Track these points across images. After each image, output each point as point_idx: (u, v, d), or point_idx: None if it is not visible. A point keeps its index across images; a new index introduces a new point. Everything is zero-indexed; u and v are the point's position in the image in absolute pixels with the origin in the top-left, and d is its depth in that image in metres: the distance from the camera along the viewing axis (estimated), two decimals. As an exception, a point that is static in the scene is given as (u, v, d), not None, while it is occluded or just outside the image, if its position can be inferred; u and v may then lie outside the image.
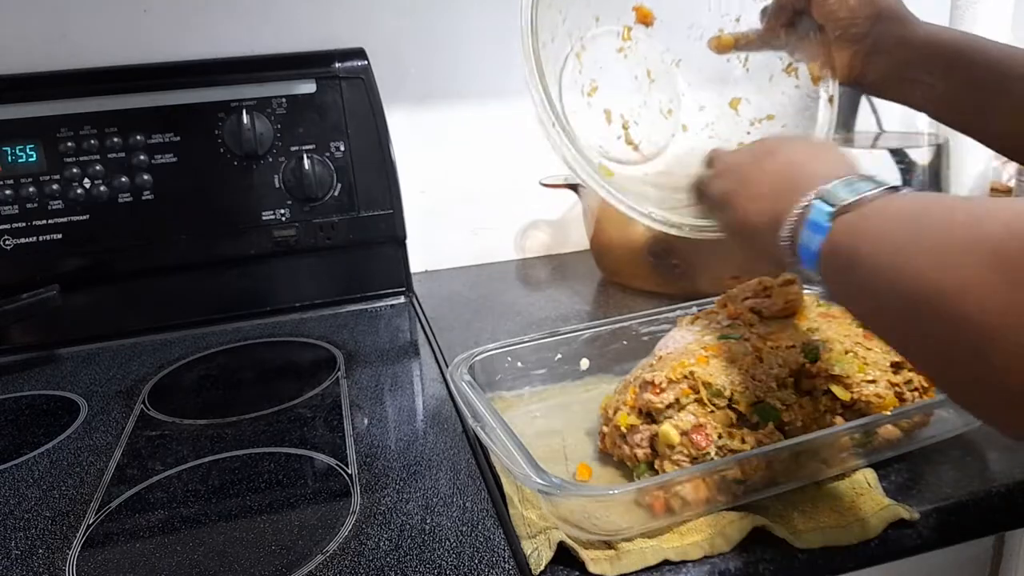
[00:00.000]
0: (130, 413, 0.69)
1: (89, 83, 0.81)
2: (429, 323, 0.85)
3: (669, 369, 0.52)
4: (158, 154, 0.82)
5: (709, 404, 0.51)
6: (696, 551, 0.46)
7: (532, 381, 0.65)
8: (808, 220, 0.41)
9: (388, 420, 0.65)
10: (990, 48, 0.58)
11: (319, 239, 0.88)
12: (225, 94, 0.83)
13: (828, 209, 0.40)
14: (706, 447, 0.49)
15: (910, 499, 0.49)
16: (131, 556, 0.49)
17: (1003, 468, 0.52)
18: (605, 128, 0.71)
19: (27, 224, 0.80)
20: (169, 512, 0.53)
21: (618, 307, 0.86)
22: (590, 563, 0.44)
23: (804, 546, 0.46)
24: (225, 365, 0.79)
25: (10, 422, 0.70)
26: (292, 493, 0.55)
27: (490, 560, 0.46)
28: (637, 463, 0.52)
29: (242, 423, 0.66)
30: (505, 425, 0.52)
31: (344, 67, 0.86)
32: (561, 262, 1.05)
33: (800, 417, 0.52)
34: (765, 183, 0.48)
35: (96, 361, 0.81)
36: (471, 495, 0.52)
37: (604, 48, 0.70)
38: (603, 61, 0.70)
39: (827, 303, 0.61)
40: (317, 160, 0.85)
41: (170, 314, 0.87)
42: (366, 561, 0.46)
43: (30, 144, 0.79)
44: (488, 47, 0.98)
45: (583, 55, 0.69)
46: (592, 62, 0.69)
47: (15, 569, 0.48)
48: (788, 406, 0.52)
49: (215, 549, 0.49)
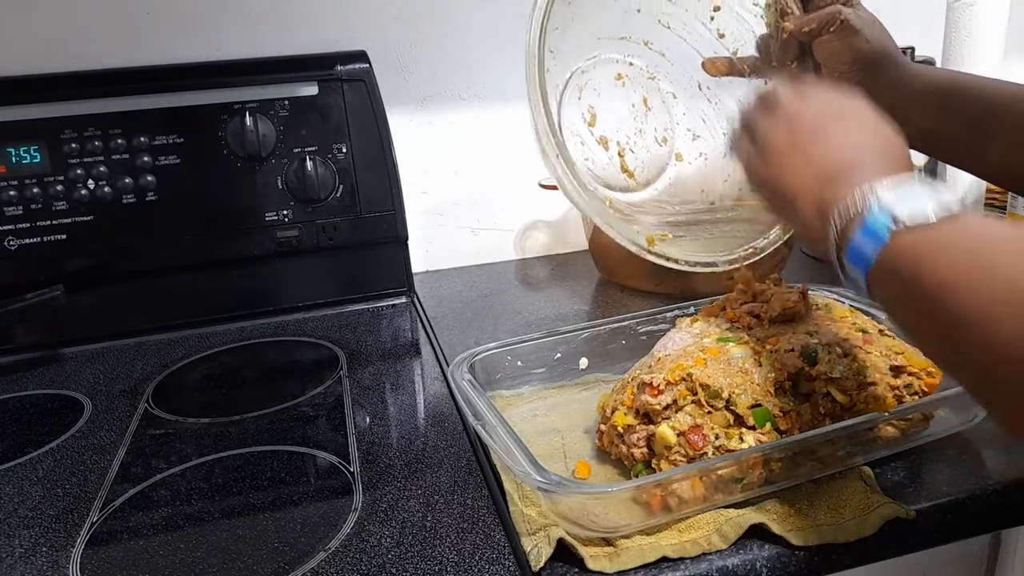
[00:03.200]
0: (134, 412, 0.69)
1: (93, 85, 0.82)
2: (430, 322, 0.85)
3: (667, 371, 0.53)
4: (162, 155, 0.83)
5: (707, 406, 0.51)
6: (694, 548, 0.46)
7: (532, 380, 0.66)
8: (865, 224, 0.40)
9: (390, 418, 0.66)
10: (981, 85, 0.58)
11: (321, 240, 0.88)
12: (228, 96, 0.84)
13: (888, 224, 0.39)
14: (703, 448, 0.50)
15: (907, 497, 0.50)
16: (135, 554, 0.49)
17: (999, 467, 0.53)
18: (602, 155, 0.71)
19: (31, 225, 0.81)
20: (173, 510, 0.54)
21: (616, 307, 0.87)
22: (589, 560, 0.45)
23: (801, 543, 0.46)
24: (228, 364, 0.80)
25: (15, 421, 0.70)
26: (295, 491, 0.55)
27: (490, 556, 0.46)
28: (634, 463, 0.53)
29: (245, 422, 0.66)
30: (505, 423, 0.52)
31: (346, 70, 0.87)
32: (560, 262, 1.06)
33: (798, 425, 0.52)
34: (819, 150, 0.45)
35: (100, 360, 0.81)
36: (472, 492, 0.53)
37: (602, 75, 0.71)
38: (601, 88, 0.71)
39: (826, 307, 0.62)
40: (319, 161, 0.86)
41: (174, 314, 0.88)
42: (368, 558, 0.47)
43: (34, 145, 0.80)
44: (488, 50, 0.98)
45: (582, 81, 0.69)
46: (591, 89, 0.70)
47: (19, 567, 0.49)
48: (786, 413, 0.52)
49: (218, 546, 0.49)
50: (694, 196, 0.73)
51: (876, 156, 0.44)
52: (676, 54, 0.71)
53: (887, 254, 0.39)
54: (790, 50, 0.63)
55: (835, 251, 0.43)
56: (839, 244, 0.42)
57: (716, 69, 0.68)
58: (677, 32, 0.70)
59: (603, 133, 0.71)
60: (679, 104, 0.73)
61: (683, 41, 0.70)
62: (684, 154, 0.73)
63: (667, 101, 0.73)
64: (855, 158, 0.44)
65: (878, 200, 0.40)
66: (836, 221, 0.42)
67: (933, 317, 0.36)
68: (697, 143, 0.74)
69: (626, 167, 0.72)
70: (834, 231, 0.42)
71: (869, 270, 0.40)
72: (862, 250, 0.40)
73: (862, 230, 0.40)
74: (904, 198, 0.39)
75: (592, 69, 0.70)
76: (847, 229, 0.41)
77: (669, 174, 0.74)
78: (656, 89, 0.72)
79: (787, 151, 0.47)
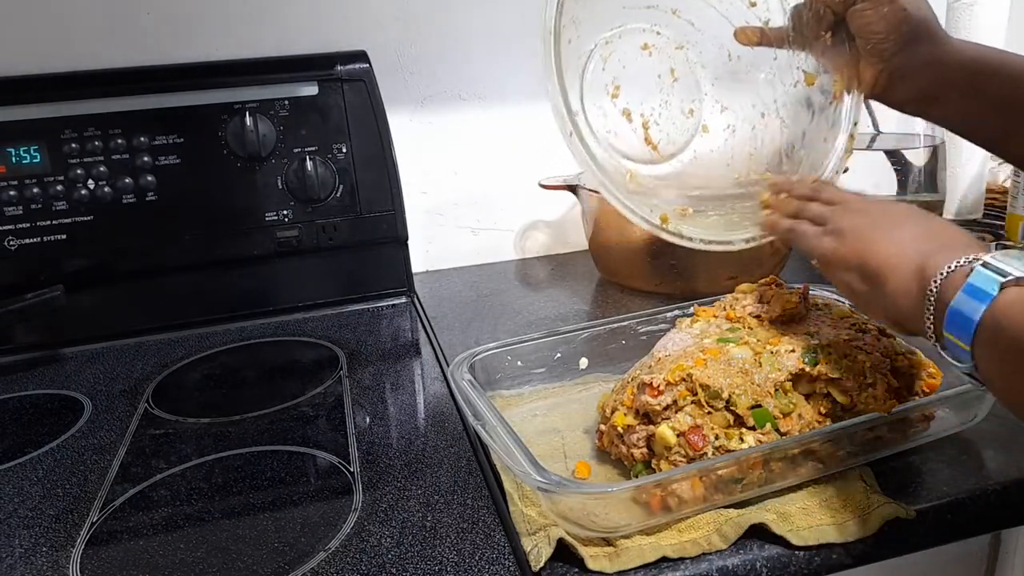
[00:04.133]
0: (134, 412, 0.69)
1: (93, 85, 0.82)
2: (430, 322, 0.85)
3: (667, 371, 0.53)
4: (162, 155, 0.83)
5: (707, 406, 0.51)
6: (694, 548, 0.46)
7: (532, 380, 0.66)
8: (968, 284, 0.39)
9: (390, 418, 0.66)
10: (1010, 64, 0.55)
11: (321, 240, 0.88)
12: (228, 96, 0.84)
13: (996, 278, 0.38)
14: (703, 448, 0.50)
15: (907, 497, 0.50)
16: (135, 554, 0.49)
17: (999, 467, 0.53)
18: (625, 127, 0.70)
19: (31, 225, 0.81)
20: (173, 510, 0.54)
21: (616, 307, 0.87)
22: (589, 560, 0.45)
23: (801, 544, 0.46)
24: (228, 364, 0.80)
25: (15, 421, 0.70)
26: (295, 491, 0.55)
27: (490, 557, 0.46)
28: (634, 463, 0.53)
29: (245, 421, 0.66)
30: (505, 423, 0.52)
31: (346, 70, 0.87)
32: (560, 262, 1.06)
33: (798, 427, 0.52)
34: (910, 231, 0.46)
35: (100, 360, 0.81)
36: (472, 492, 0.53)
37: (628, 45, 0.69)
38: (626, 59, 0.69)
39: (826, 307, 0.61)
40: (319, 161, 0.86)
41: (174, 314, 0.88)
42: (368, 558, 0.47)
43: (34, 145, 0.80)
44: (488, 50, 0.98)
45: (606, 52, 0.68)
46: (615, 60, 0.68)
47: (19, 567, 0.49)
48: (786, 414, 0.52)
49: (218, 546, 0.49)
50: (719, 170, 0.71)
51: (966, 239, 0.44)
52: (705, 23, 0.69)
53: (995, 311, 0.37)
54: (823, 20, 0.60)
55: (929, 321, 0.41)
56: (937, 313, 0.41)
57: (747, 38, 0.66)
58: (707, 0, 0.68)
59: (627, 105, 0.69)
60: (707, 75, 0.71)
61: (713, 8, 0.68)
62: (711, 126, 0.72)
63: (695, 72, 0.71)
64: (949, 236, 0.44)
65: (983, 262, 0.39)
66: (934, 287, 0.41)
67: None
68: (725, 115, 0.72)
69: (650, 140, 0.70)
70: (931, 298, 0.41)
71: (975, 333, 0.38)
72: (965, 311, 0.38)
73: (965, 291, 0.39)
74: (1010, 258, 0.38)
75: (617, 39, 0.68)
76: (946, 294, 0.40)
77: (694, 147, 0.72)
78: (684, 59, 0.70)
79: (880, 228, 0.47)
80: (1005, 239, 0.89)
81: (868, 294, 0.47)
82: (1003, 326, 0.37)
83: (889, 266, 0.45)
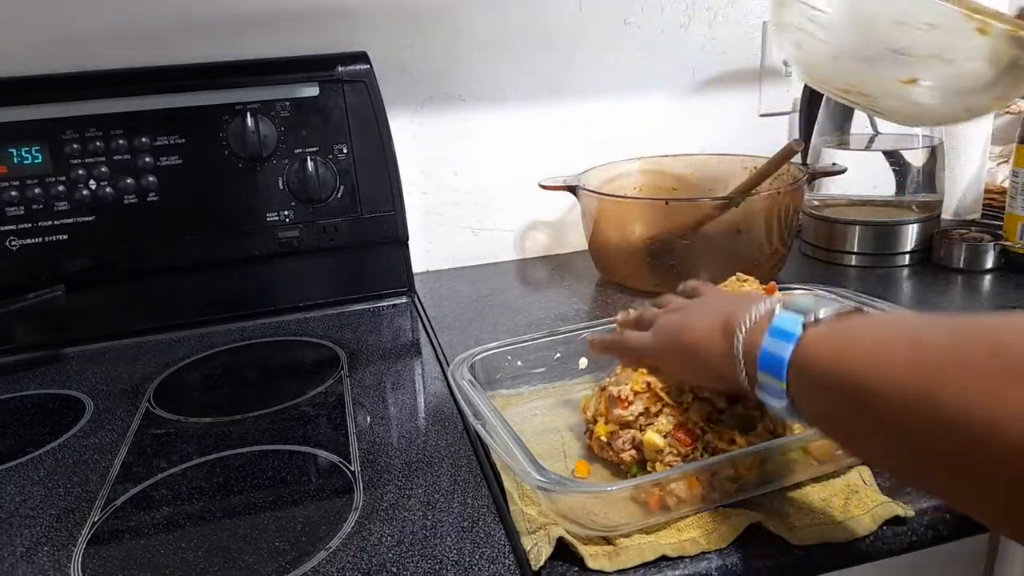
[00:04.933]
0: (135, 411, 0.69)
1: (94, 85, 0.82)
2: (430, 322, 0.85)
3: (632, 381, 0.53)
4: (163, 156, 0.83)
5: (680, 403, 0.52)
6: (693, 547, 0.46)
7: (532, 379, 0.66)
8: (773, 327, 0.41)
9: (390, 418, 0.66)
10: None
11: (322, 240, 0.89)
12: (229, 97, 0.84)
13: (798, 318, 0.40)
14: (693, 442, 0.50)
15: (905, 496, 0.50)
16: (136, 553, 0.50)
17: (997, 466, 0.53)
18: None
19: (33, 225, 0.81)
20: (174, 509, 0.54)
21: (616, 307, 0.87)
22: (589, 559, 0.45)
23: (800, 543, 0.46)
24: (229, 364, 0.80)
25: (16, 421, 0.70)
26: (295, 490, 0.55)
27: (490, 555, 0.46)
28: (628, 465, 0.53)
29: (246, 421, 0.66)
30: (505, 423, 0.53)
31: (347, 71, 0.87)
32: (560, 262, 1.06)
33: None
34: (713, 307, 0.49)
35: (101, 360, 0.82)
36: (472, 491, 0.53)
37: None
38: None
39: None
40: (320, 162, 0.86)
41: (175, 314, 0.88)
42: (368, 557, 0.47)
43: (36, 146, 0.80)
44: (488, 50, 0.99)
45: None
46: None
47: (21, 566, 0.49)
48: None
49: (219, 545, 0.49)
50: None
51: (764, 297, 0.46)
52: None
53: (804, 350, 0.39)
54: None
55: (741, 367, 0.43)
56: (748, 358, 0.43)
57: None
58: None
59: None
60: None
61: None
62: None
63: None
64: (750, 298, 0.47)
65: (783, 305, 0.42)
66: (740, 333, 0.43)
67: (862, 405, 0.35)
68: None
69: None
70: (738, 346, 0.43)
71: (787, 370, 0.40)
72: (776, 353, 0.41)
73: (771, 334, 0.41)
74: (805, 304, 0.41)
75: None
76: (755, 341, 0.42)
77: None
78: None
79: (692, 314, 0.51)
80: (1004, 239, 0.89)
81: (690, 367, 0.50)
82: (811, 362, 0.39)
83: (700, 336, 0.48)
